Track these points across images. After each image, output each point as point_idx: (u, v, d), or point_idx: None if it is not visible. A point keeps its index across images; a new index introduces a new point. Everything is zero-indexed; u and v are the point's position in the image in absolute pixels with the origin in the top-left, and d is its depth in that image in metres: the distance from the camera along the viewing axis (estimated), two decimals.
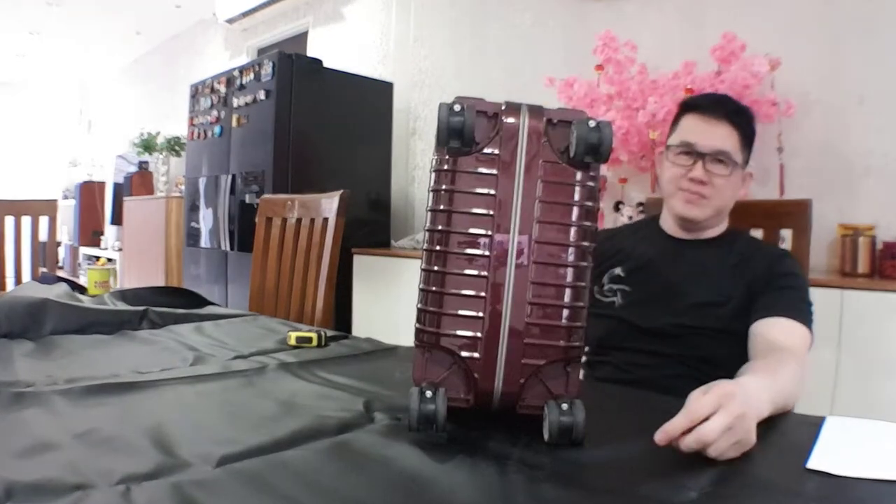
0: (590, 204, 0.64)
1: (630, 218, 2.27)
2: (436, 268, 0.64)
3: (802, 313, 1.00)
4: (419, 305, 0.66)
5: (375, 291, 2.84)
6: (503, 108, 0.66)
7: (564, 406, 0.61)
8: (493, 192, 0.63)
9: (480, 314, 0.63)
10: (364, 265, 2.91)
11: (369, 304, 2.88)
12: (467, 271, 0.63)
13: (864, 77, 1.97)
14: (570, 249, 0.63)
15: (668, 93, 2.11)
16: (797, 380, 0.83)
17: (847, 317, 1.64)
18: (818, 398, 1.63)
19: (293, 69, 2.97)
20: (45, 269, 2.37)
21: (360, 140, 3.17)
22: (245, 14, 4.42)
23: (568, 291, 0.63)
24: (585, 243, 0.64)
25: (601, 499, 0.52)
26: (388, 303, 2.76)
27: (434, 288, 0.64)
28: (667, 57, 2.26)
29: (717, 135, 1.06)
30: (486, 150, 0.64)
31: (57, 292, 1.26)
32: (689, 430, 0.57)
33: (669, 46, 2.35)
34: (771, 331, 0.98)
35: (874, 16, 1.95)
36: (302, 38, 4.29)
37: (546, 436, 0.62)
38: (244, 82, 3.13)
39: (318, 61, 3.11)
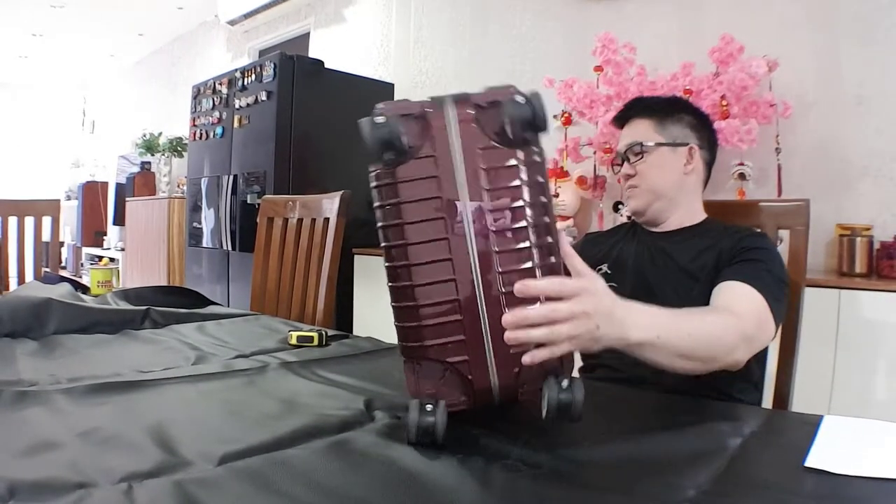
0: (540, 179, 0.63)
1: (629, 218, 2.28)
2: (403, 283, 0.63)
3: (762, 282, 0.94)
4: (396, 323, 0.65)
5: (376, 291, 2.85)
6: (427, 104, 0.64)
7: (564, 383, 0.60)
8: (438, 195, 0.61)
9: (458, 317, 0.62)
10: (365, 265, 2.92)
11: (370, 303, 2.89)
12: (435, 279, 0.62)
13: (862, 78, 1.97)
14: (531, 230, 0.61)
15: (667, 94, 2.11)
16: (729, 334, 0.80)
17: (844, 317, 1.64)
18: (816, 398, 1.63)
19: (294, 70, 2.98)
20: (47, 269, 2.38)
21: (360, 141, 3.17)
22: (247, 16, 4.42)
23: (538, 272, 0.61)
24: (546, 219, 0.62)
25: (600, 498, 0.52)
26: (388, 302, 2.76)
27: (407, 303, 0.63)
28: (665, 58, 2.26)
29: (627, 133, 1.17)
30: (422, 154, 0.62)
31: (60, 292, 1.26)
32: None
33: (668, 48, 2.35)
34: (722, 293, 0.93)
35: (871, 17, 1.95)
36: (303, 39, 4.29)
37: (544, 412, 0.61)
38: (246, 83, 3.14)
39: (320, 62, 3.12)
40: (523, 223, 0.61)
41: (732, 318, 0.83)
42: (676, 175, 1.12)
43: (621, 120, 1.20)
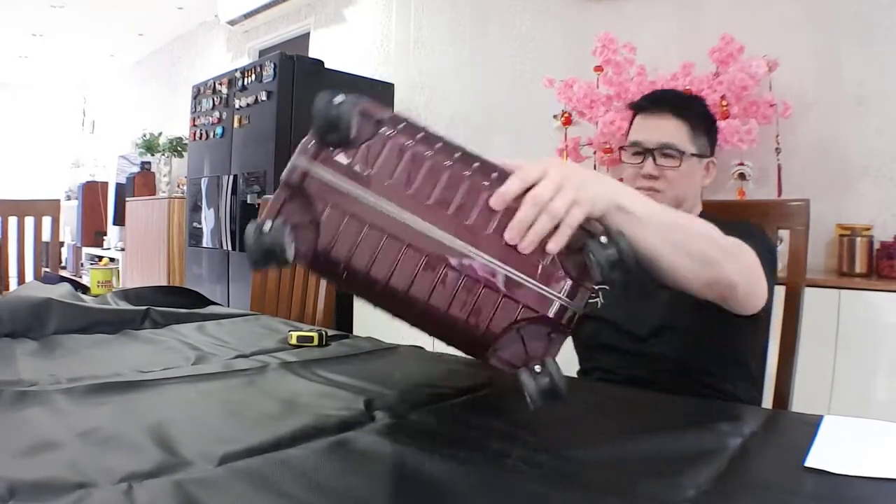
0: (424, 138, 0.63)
1: None
2: (400, 302, 0.61)
3: (746, 239, 0.85)
4: (448, 343, 0.64)
5: None
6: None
7: (537, 368, 0.58)
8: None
9: (476, 281, 0.59)
10: None
11: None
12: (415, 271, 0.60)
13: (862, 78, 1.97)
14: (454, 167, 0.61)
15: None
16: (718, 237, 0.74)
17: (844, 317, 1.64)
18: (816, 398, 1.63)
19: (294, 70, 2.98)
20: (47, 269, 2.38)
21: None
22: (247, 16, 4.43)
23: (488, 194, 0.60)
24: (459, 153, 0.62)
25: (600, 497, 0.52)
26: None
27: (426, 315, 0.61)
28: (665, 58, 2.26)
29: (661, 129, 1.08)
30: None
31: (60, 292, 1.26)
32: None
33: (668, 48, 2.35)
34: None
35: (871, 17, 1.95)
36: (303, 39, 4.30)
37: (530, 403, 0.59)
38: (246, 83, 3.14)
39: (320, 62, 3.12)
40: (446, 172, 0.61)
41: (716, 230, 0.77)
42: (697, 186, 1.11)
43: (654, 108, 1.10)
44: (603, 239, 0.59)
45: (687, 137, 1.08)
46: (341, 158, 0.62)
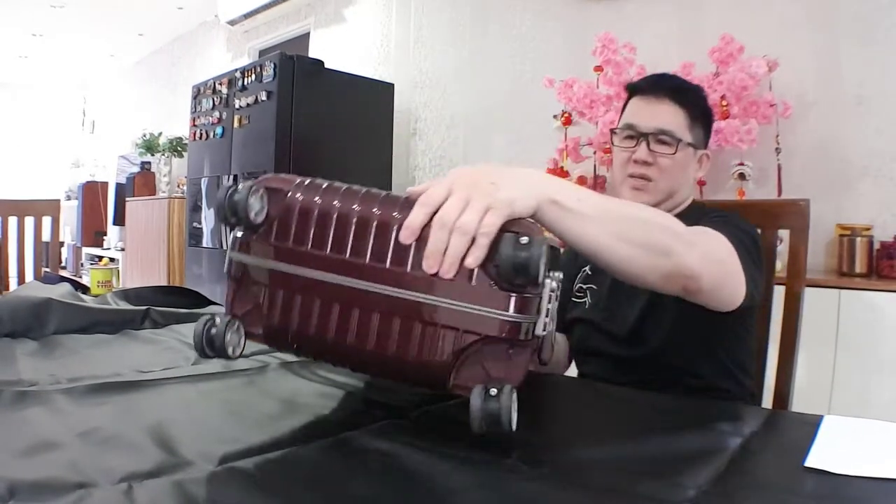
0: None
1: None
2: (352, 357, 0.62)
3: (728, 235, 0.81)
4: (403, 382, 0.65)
5: None
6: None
7: (492, 391, 0.56)
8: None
9: (420, 320, 0.57)
10: None
11: None
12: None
13: (862, 78, 1.97)
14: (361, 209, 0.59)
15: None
16: (670, 222, 0.69)
17: (844, 316, 1.64)
18: (816, 398, 1.63)
19: (294, 70, 2.98)
20: (47, 269, 2.38)
21: (360, 141, 3.18)
22: (247, 16, 4.43)
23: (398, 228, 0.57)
24: (361, 193, 0.60)
25: (599, 498, 0.52)
26: None
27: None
28: (665, 58, 2.26)
29: (658, 114, 1.03)
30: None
31: (60, 292, 1.26)
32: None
33: (668, 48, 2.36)
34: None
35: (871, 17, 1.95)
36: (303, 39, 4.30)
37: (471, 423, 0.56)
38: (246, 83, 3.14)
39: (320, 62, 3.12)
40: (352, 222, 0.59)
41: (676, 222, 0.70)
42: (689, 178, 1.08)
43: (653, 91, 1.05)
44: (523, 239, 0.53)
45: (684, 125, 1.03)
46: (260, 239, 0.63)
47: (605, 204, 0.64)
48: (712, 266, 0.72)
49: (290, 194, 0.62)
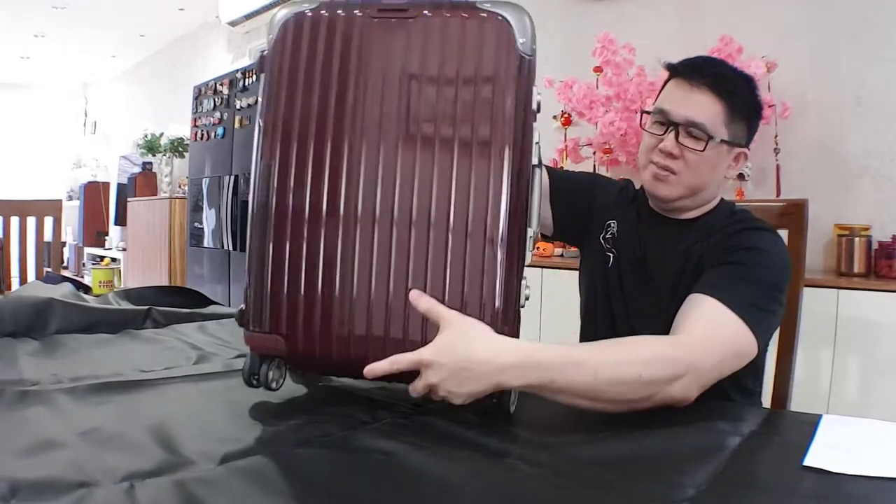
0: None
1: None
2: None
3: (736, 293, 0.79)
4: None
5: None
6: None
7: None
8: None
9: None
10: None
11: None
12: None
13: (860, 78, 1.97)
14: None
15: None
16: (657, 369, 0.69)
17: (843, 317, 1.64)
18: (814, 397, 1.63)
19: None
20: (49, 269, 2.38)
21: None
22: (248, 17, 4.43)
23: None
24: None
25: (600, 496, 0.52)
26: None
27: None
28: (665, 59, 2.26)
29: (692, 103, 0.92)
30: None
31: (62, 292, 1.26)
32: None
33: (667, 49, 2.34)
34: (683, 307, 0.80)
35: (870, 18, 1.95)
36: None
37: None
38: (247, 84, 3.15)
39: None
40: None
41: (670, 350, 0.72)
42: (719, 176, 0.96)
43: (690, 77, 0.94)
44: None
45: (721, 120, 0.91)
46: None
47: (563, 379, 0.66)
48: (706, 376, 0.74)
49: None
